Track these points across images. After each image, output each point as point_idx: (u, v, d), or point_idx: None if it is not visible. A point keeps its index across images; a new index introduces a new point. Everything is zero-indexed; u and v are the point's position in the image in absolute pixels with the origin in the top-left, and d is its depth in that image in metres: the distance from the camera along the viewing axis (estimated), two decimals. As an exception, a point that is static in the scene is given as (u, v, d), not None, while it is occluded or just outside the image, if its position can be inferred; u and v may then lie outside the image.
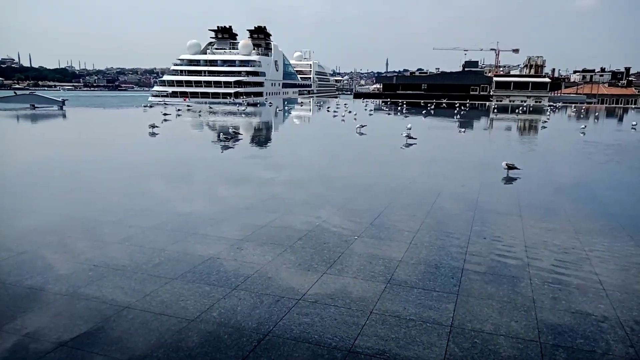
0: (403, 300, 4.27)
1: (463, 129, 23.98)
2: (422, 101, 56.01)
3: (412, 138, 17.15)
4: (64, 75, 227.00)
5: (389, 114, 37.61)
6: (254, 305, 4.14)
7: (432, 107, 42.08)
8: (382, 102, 63.09)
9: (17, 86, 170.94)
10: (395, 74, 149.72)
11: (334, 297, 4.32)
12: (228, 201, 8.27)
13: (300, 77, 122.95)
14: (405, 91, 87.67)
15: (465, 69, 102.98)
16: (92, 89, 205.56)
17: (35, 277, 4.66)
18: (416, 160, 13.97)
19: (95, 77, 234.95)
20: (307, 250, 5.58)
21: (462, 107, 41.93)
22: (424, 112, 35.70)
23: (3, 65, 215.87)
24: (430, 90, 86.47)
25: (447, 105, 50.36)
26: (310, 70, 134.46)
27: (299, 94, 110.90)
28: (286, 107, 45.44)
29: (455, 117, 30.81)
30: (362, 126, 21.03)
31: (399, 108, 38.69)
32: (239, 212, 7.44)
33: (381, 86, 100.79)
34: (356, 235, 6.18)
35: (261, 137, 21.41)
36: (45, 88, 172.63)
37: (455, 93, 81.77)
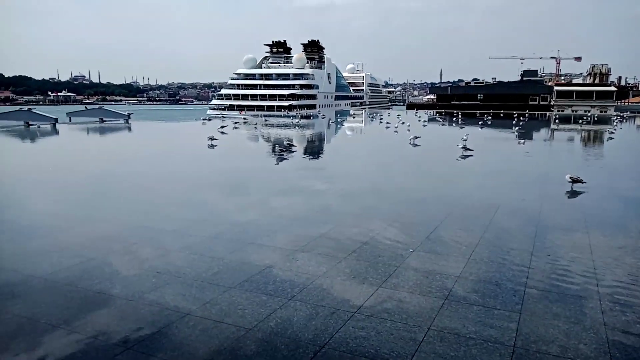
0: (462, 317, 4.15)
1: (522, 140, 23.09)
2: (478, 112, 54.61)
3: (468, 149, 16.71)
4: (129, 90, 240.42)
5: (443, 124, 36.91)
6: (309, 316, 4.16)
7: (489, 117, 40.87)
8: (436, 112, 62.04)
9: (87, 101, 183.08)
10: (450, 84, 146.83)
11: (390, 311, 4.26)
12: (283, 212, 8.39)
13: (353, 89, 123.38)
14: (460, 101, 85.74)
15: (524, 78, 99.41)
16: (154, 102, 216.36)
17: (104, 282, 4.92)
18: (473, 173, 13.59)
19: (158, 92, 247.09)
20: (361, 263, 5.55)
21: (521, 118, 40.43)
22: (480, 122, 34.76)
23: (75, 82, 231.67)
24: (487, 100, 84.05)
25: (504, 116, 48.79)
26: (363, 82, 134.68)
27: (351, 106, 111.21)
28: (338, 119, 45.67)
29: (513, 127, 29.72)
30: (416, 137, 20.75)
31: (454, 119, 37.83)
32: (294, 223, 7.54)
33: (435, 97, 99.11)
34: (411, 248, 6.08)
35: (314, 149, 21.62)
36: (113, 102, 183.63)
37: (513, 103, 78.99)
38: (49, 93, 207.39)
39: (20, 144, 21.96)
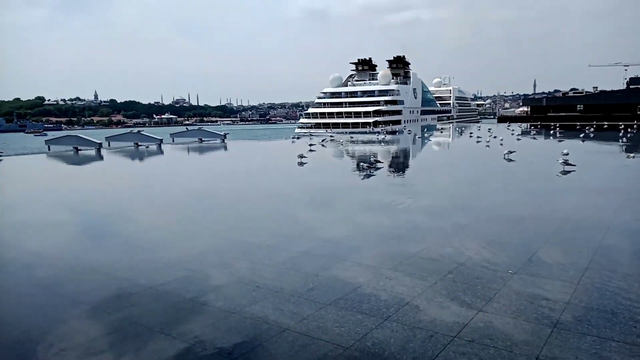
0: (574, 348, 3.84)
1: (632, 154, 21.03)
2: (578, 123, 50.69)
3: (570, 165, 15.55)
4: (224, 112, 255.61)
5: (537, 138, 34.75)
6: (407, 338, 4.10)
7: (592, 129, 37.75)
8: (530, 125, 58.58)
9: (187, 122, 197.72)
10: (545, 95, 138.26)
11: (493, 337, 4.06)
12: (372, 229, 8.38)
13: (440, 103, 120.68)
14: (557, 113, 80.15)
15: (631, 87, 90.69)
16: (247, 123, 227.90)
17: (209, 294, 5.23)
18: (576, 190, 12.61)
19: (250, 112, 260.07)
20: (458, 284, 5.37)
21: (629, 129, 36.85)
22: (581, 135, 32.21)
23: (177, 105, 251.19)
24: (588, 111, 77.67)
25: (609, 127, 44.80)
26: (450, 96, 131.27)
27: (438, 120, 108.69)
28: (425, 134, 44.78)
29: (620, 140, 27.18)
30: (511, 152, 19.72)
31: (551, 132, 35.46)
32: (385, 241, 7.49)
33: (529, 109, 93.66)
34: (511, 270, 5.77)
35: (401, 165, 21.38)
36: (209, 123, 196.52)
37: (619, 114, 72.29)
38: (154, 116, 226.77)
39: (131, 163, 24.19)
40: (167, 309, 4.98)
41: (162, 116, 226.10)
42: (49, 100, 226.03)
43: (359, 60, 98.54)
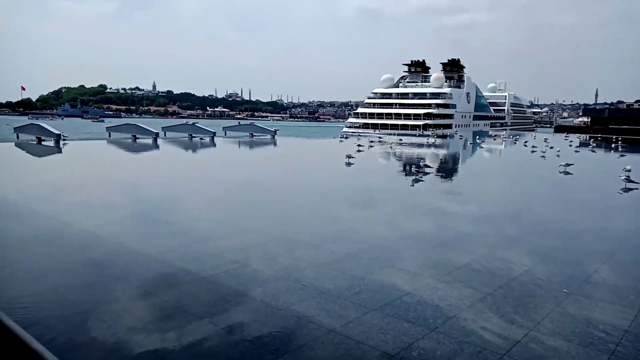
0: (633, 379, 3.65)
1: None
2: (644, 137, 47.80)
3: (633, 182, 14.71)
4: (275, 108, 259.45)
5: (597, 151, 33.06)
6: (454, 351, 4.03)
7: (660, 145, 35.49)
8: (590, 137, 55.79)
9: (238, 116, 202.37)
10: (607, 106, 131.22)
11: (545, 359, 3.93)
12: (420, 235, 8.27)
13: (494, 109, 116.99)
14: (620, 125, 75.90)
15: None
16: (296, 119, 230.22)
17: (256, 289, 5.33)
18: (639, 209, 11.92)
19: (299, 109, 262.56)
20: (509, 300, 5.21)
21: (703, 146, 34.36)
22: (648, 150, 30.39)
23: (229, 99, 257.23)
24: (656, 124, 73.14)
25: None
26: (505, 102, 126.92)
27: (491, 127, 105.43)
28: (477, 140, 43.61)
29: (692, 158, 25.44)
30: (568, 164, 18.87)
31: (613, 145, 33.64)
32: (433, 249, 7.38)
33: (589, 119, 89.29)
34: (566, 289, 5.54)
35: (450, 171, 20.95)
36: (260, 118, 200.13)
37: (691, 128, 67.58)
38: (208, 108, 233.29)
39: (185, 154, 25.02)
40: (215, 299, 5.13)
41: (215, 109, 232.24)
42: (110, 88, 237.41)
43: (411, 61, 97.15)
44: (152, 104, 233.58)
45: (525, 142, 37.73)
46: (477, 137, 50.14)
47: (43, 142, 22.98)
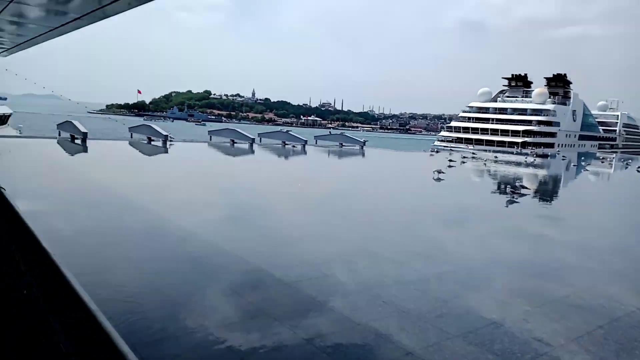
0: None
1: None
2: None
3: None
4: (365, 118, 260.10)
5: None
6: (543, 392, 3.73)
7: None
8: None
9: (330, 126, 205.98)
10: None
11: (652, 415, 3.50)
12: (513, 261, 7.79)
13: (603, 129, 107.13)
14: None
15: None
16: (386, 131, 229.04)
17: (336, 301, 5.35)
18: None
19: (390, 121, 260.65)
20: (610, 343, 4.72)
21: None
22: None
23: (322, 109, 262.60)
24: None
25: None
26: (616, 122, 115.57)
27: (599, 148, 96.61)
28: (582, 162, 40.24)
29: None
30: (693, 196, 16.73)
31: None
32: (526, 277, 6.91)
33: None
34: (683, 339, 4.89)
35: (550, 193, 19.52)
36: (350, 128, 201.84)
37: None
38: (301, 117, 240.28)
39: (278, 160, 25.96)
40: (296, 305, 5.24)
41: (309, 118, 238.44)
42: (214, 94, 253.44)
43: (512, 75, 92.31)
44: (250, 110, 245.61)
45: (639, 167, 34.13)
46: (583, 158, 46.24)
47: (152, 142, 25.08)
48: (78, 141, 21.16)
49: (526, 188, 18.15)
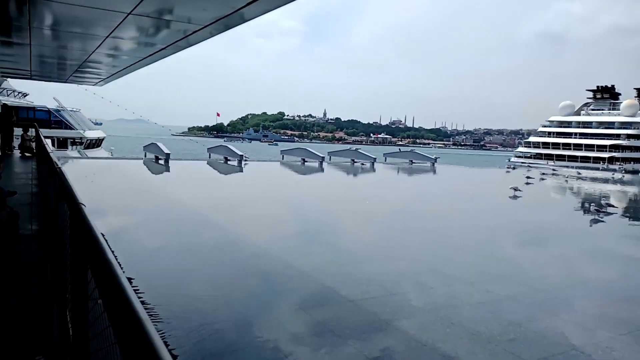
0: None
1: None
2: None
3: None
4: (437, 135, 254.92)
5: None
6: None
7: None
8: None
9: (400, 143, 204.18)
10: None
11: None
12: (597, 284, 7.27)
13: None
14: None
15: None
16: (459, 147, 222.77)
17: (402, 320, 5.30)
18: None
19: (464, 137, 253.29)
20: None
21: None
22: None
23: (392, 126, 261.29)
24: None
25: None
26: None
27: None
28: (682, 179, 36.57)
29: None
30: None
31: None
32: (612, 301, 6.41)
33: None
34: None
35: (644, 214, 17.92)
36: (421, 145, 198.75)
37: None
38: (371, 135, 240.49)
39: (346, 177, 26.13)
40: (361, 324, 5.24)
41: (378, 135, 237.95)
42: (287, 115, 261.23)
43: (597, 87, 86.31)
44: (322, 130, 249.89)
45: None
46: (682, 174, 42.02)
47: (229, 162, 26.27)
48: (161, 161, 22.67)
49: (613, 206, 16.85)
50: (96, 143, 39.71)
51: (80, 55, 12.15)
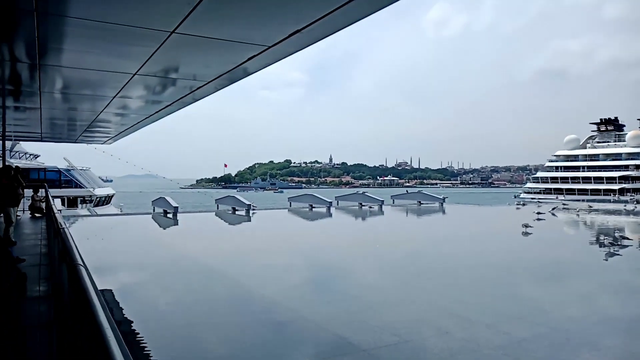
0: None
1: None
2: None
3: None
4: (444, 175, 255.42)
5: None
6: None
7: None
8: None
9: (407, 184, 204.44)
10: None
11: None
12: (617, 320, 7.02)
13: None
14: None
15: None
16: (467, 186, 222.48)
17: (419, 367, 5.14)
18: None
19: (471, 175, 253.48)
20: None
21: None
22: None
23: (399, 168, 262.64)
24: None
25: None
26: None
27: None
28: (697, 207, 35.98)
29: None
30: None
31: None
32: (634, 338, 6.18)
33: None
34: None
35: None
36: (429, 185, 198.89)
37: None
38: (378, 178, 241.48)
39: (355, 222, 26.01)
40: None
41: (385, 178, 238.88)
42: (294, 162, 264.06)
43: (601, 120, 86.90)
44: (328, 175, 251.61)
45: None
46: (696, 202, 41.42)
47: (237, 212, 26.33)
48: (170, 215, 22.78)
49: (627, 238, 16.56)
50: (105, 200, 40.13)
51: (89, 116, 12.52)
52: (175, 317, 7.18)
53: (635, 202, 38.18)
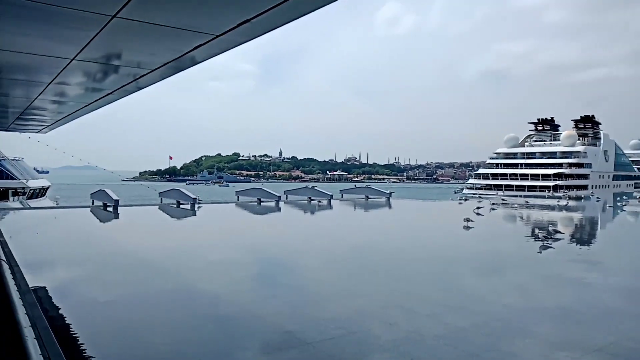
0: None
1: None
2: None
3: None
4: (391, 170, 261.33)
5: None
6: None
7: None
8: None
9: (355, 179, 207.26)
10: None
11: None
12: (549, 309, 7.44)
13: (638, 168, 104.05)
14: None
15: None
16: (413, 181, 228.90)
17: (368, 357, 5.21)
18: None
19: (417, 171, 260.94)
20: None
21: None
22: None
23: (348, 163, 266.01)
24: None
25: None
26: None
27: (635, 187, 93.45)
28: (618, 203, 38.89)
29: None
30: None
31: None
32: (564, 326, 6.58)
33: None
34: None
35: (586, 237, 18.81)
36: (376, 181, 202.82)
37: None
38: (327, 172, 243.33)
39: (304, 216, 26.06)
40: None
41: (334, 173, 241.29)
42: (243, 156, 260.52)
43: (538, 119, 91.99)
44: (278, 169, 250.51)
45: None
46: (618, 199, 44.75)
47: (181, 205, 25.66)
48: (110, 208, 21.85)
49: (560, 232, 17.59)
50: (40, 192, 37.95)
51: (23, 103, 11.75)
52: (115, 314, 6.90)
53: (567, 199, 40.67)
